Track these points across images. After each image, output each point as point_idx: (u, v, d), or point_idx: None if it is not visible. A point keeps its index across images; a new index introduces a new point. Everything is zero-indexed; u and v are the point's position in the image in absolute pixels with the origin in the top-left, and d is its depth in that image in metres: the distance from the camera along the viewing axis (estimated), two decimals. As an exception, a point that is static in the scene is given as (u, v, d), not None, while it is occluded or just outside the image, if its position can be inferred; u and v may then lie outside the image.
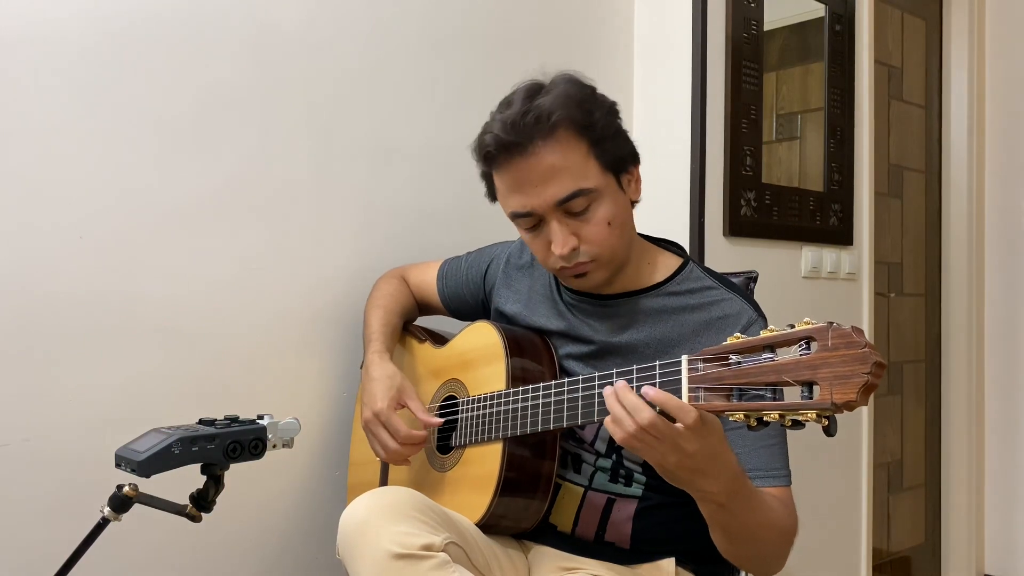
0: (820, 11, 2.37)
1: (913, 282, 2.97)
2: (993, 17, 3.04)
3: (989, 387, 3.00)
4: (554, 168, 1.15)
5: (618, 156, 1.20)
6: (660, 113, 2.14)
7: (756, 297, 1.41)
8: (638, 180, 1.25)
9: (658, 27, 2.16)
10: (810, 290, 2.34)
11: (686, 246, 2.05)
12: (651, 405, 0.93)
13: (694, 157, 2.06)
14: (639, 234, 1.30)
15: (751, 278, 1.42)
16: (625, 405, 0.94)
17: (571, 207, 1.17)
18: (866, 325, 2.50)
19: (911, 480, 2.94)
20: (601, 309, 1.28)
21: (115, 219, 1.40)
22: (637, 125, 2.19)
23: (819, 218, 2.35)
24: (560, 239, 1.17)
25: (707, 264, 2.04)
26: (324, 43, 1.64)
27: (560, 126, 1.14)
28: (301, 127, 1.61)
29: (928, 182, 3.02)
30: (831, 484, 2.39)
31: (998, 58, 3.02)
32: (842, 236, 2.43)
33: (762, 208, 2.19)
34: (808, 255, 2.33)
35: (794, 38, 2.35)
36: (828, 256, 2.38)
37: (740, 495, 1.01)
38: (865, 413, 2.48)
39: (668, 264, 1.28)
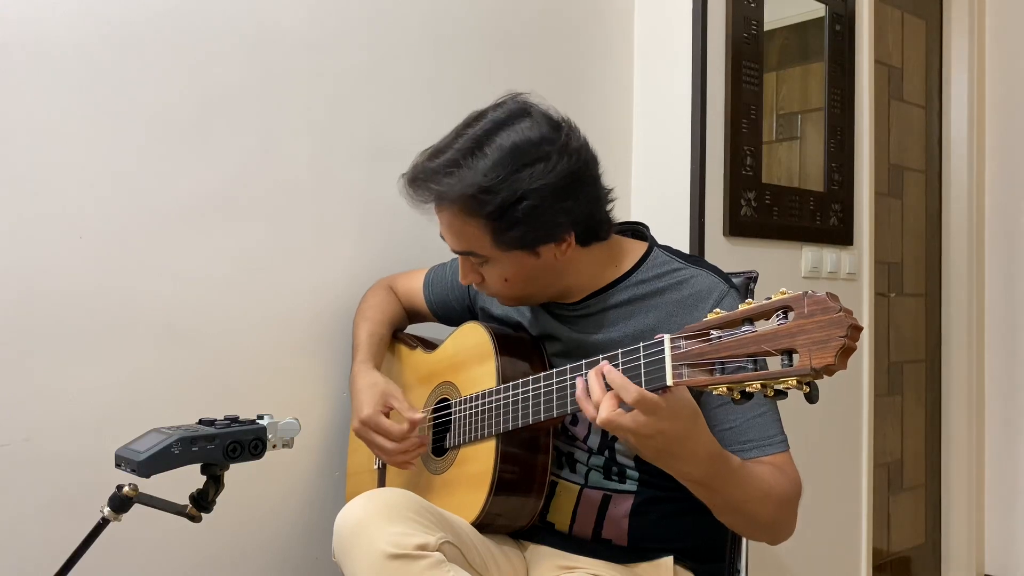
0: (820, 11, 2.37)
1: (913, 282, 2.97)
2: (993, 17, 3.04)
3: (989, 387, 3.01)
4: (451, 228, 1.21)
5: (524, 240, 1.17)
6: (660, 113, 2.14)
7: (757, 297, 1.41)
8: (569, 244, 1.19)
9: (658, 27, 2.16)
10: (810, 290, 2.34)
11: (686, 246, 2.06)
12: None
13: (694, 157, 2.06)
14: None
15: (751, 278, 1.43)
16: (594, 404, 0.99)
17: (469, 257, 1.23)
18: (866, 325, 2.50)
19: (911, 480, 2.94)
20: (575, 312, 1.29)
21: (115, 218, 1.41)
22: (637, 125, 2.19)
23: (819, 218, 2.36)
24: (462, 273, 1.27)
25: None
26: (324, 43, 1.64)
27: (448, 208, 1.18)
28: (301, 127, 1.61)
29: (928, 182, 3.02)
30: (831, 484, 2.39)
31: (998, 58, 3.02)
32: (842, 236, 2.43)
33: (762, 208, 2.19)
34: (808, 255, 2.34)
35: (794, 38, 2.35)
36: (828, 256, 2.38)
37: (720, 474, 1.03)
38: (865, 413, 2.48)
39: (633, 254, 1.28)
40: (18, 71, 1.32)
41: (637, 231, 1.34)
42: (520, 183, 1.13)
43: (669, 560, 1.24)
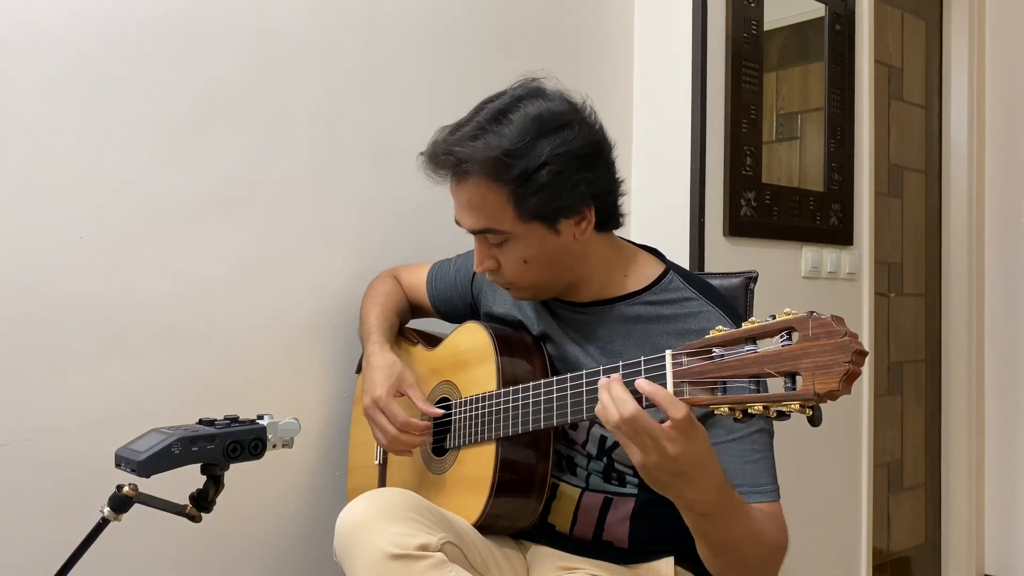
0: (820, 11, 2.37)
1: (913, 282, 2.97)
2: (993, 17, 3.04)
3: (989, 387, 3.00)
4: (471, 203, 1.18)
5: (546, 209, 1.15)
6: (660, 113, 2.14)
7: (756, 297, 1.41)
8: (588, 221, 1.18)
9: (658, 27, 2.16)
10: (810, 290, 2.34)
11: (686, 246, 2.06)
12: (641, 398, 0.93)
13: (694, 157, 2.06)
14: (622, 238, 1.30)
15: (751, 278, 1.42)
16: (612, 396, 0.94)
17: (487, 237, 1.21)
18: (866, 325, 2.50)
19: (911, 480, 2.94)
20: (579, 316, 1.28)
21: (115, 219, 1.41)
22: (637, 125, 2.19)
23: (819, 218, 2.36)
24: (478, 259, 1.24)
25: (707, 264, 2.04)
26: (324, 43, 1.64)
27: (473, 174, 1.16)
28: (301, 127, 1.61)
29: (928, 182, 3.02)
30: (831, 484, 2.39)
31: (998, 58, 3.02)
32: (842, 236, 2.43)
33: (762, 208, 2.19)
34: (808, 255, 2.34)
35: (794, 38, 2.35)
36: (828, 256, 2.38)
37: (725, 507, 0.99)
38: (865, 413, 2.48)
39: (647, 273, 1.26)
40: (17, 72, 1.32)
41: (655, 253, 1.33)
42: (544, 148, 1.13)
43: (670, 561, 1.24)
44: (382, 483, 1.46)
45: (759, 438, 1.14)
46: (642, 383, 0.93)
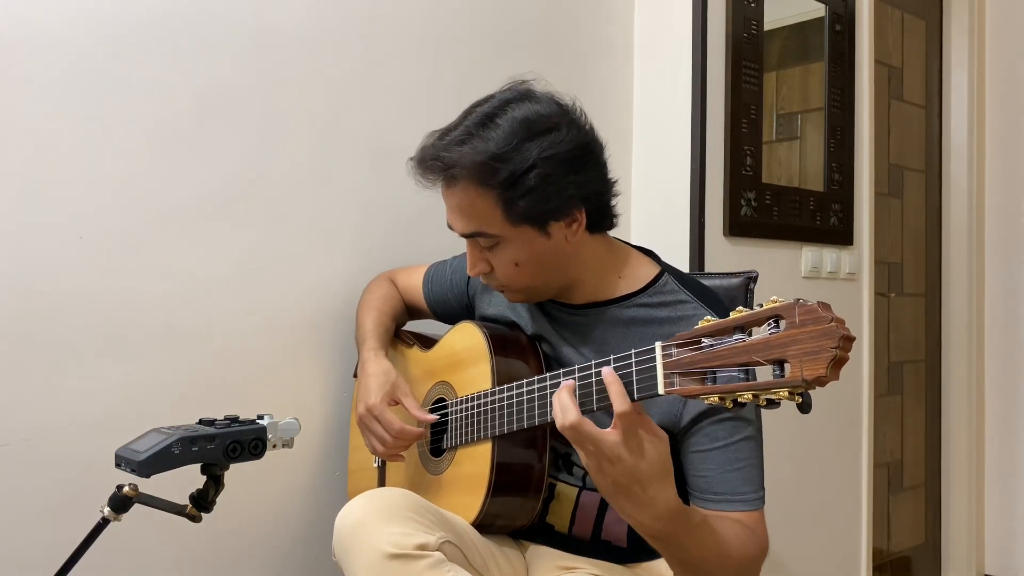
0: (820, 11, 2.37)
1: (913, 282, 2.97)
2: (993, 17, 3.04)
3: (989, 387, 3.01)
4: (460, 207, 1.18)
5: (535, 212, 1.15)
6: (660, 113, 2.14)
7: (756, 298, 1.41)
8: (579, 223, 1.18)
9: (658, 27, 2.16)
10: (810, 290, 2.34)
11: (686, 246, 2.06)
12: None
13: (694, 157, 2.06)
14: (617, 239, 1.30)
15: (751, 278, 1.42)
16: (560, 403, 0.96)
17: (478, 241, 1.21)
18: (866, 325, 2.50)
19: (911, 480, 2.94)
20: (573, 318, 1.28)
21: (115, 219, 1.41)
22: (637, 125, 2.19)
23: (819, 218, 2.36)
24: (470, 262, 1.24)
25: (707, 264, 2.04)
26: (324, 43, 1.64)
27: (461, 179, 1.16)
28: (301, 127, 1.61)
29: (928, 182, 3.02)
30: (831, 484, 2.39)
31: (998, 58, 3.02)
32: (842, 236, 2.43)
33: (762, 208, 2.19)
34: (808, 255, 2.34)
35: (794, 38, 2.35)
36: (828, 256, 2.38)
37: (677, 531, 0.98)
38: (865, 413, 2.48)
39: (641, 275, 1.26)
40: (17, 72, 1.32)
41: (650, 254, 1.32)
42: (531, 151, 1.12)
43: (669, 561, 1.24)
44: (381, 485, 1.46)
45: (744, 446, 1.14)
46: (605, 371, 0.95)
